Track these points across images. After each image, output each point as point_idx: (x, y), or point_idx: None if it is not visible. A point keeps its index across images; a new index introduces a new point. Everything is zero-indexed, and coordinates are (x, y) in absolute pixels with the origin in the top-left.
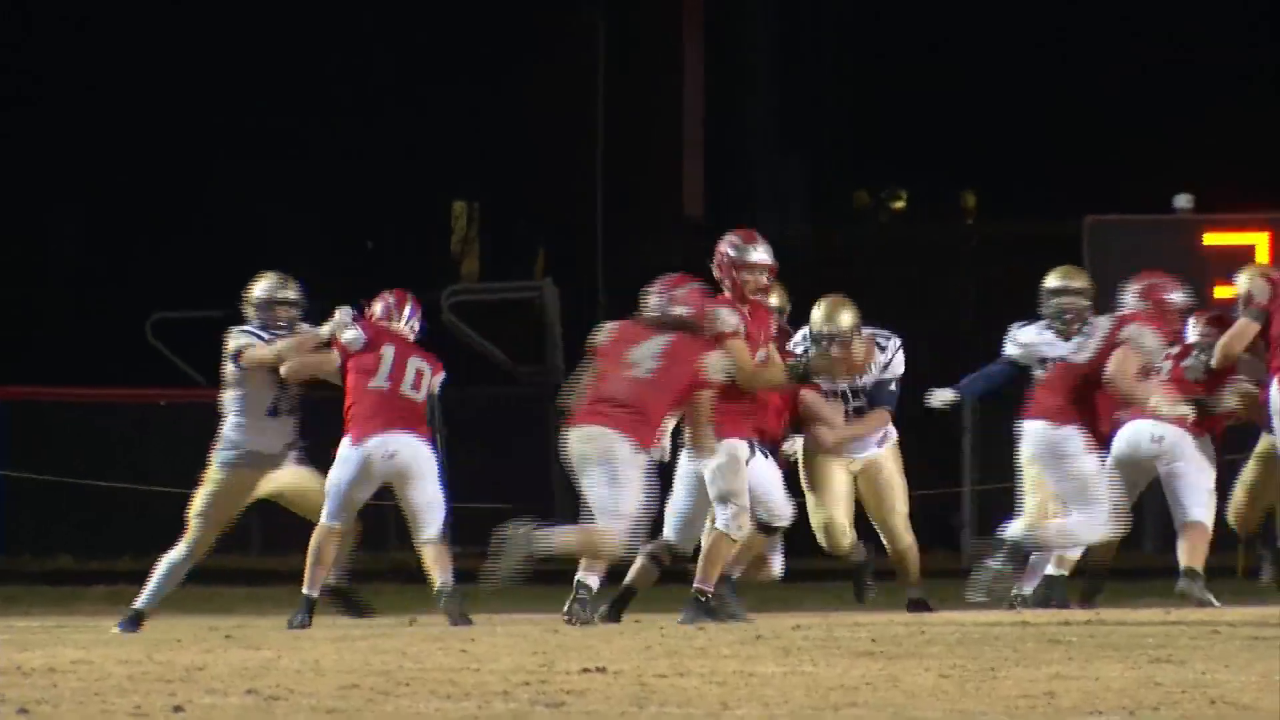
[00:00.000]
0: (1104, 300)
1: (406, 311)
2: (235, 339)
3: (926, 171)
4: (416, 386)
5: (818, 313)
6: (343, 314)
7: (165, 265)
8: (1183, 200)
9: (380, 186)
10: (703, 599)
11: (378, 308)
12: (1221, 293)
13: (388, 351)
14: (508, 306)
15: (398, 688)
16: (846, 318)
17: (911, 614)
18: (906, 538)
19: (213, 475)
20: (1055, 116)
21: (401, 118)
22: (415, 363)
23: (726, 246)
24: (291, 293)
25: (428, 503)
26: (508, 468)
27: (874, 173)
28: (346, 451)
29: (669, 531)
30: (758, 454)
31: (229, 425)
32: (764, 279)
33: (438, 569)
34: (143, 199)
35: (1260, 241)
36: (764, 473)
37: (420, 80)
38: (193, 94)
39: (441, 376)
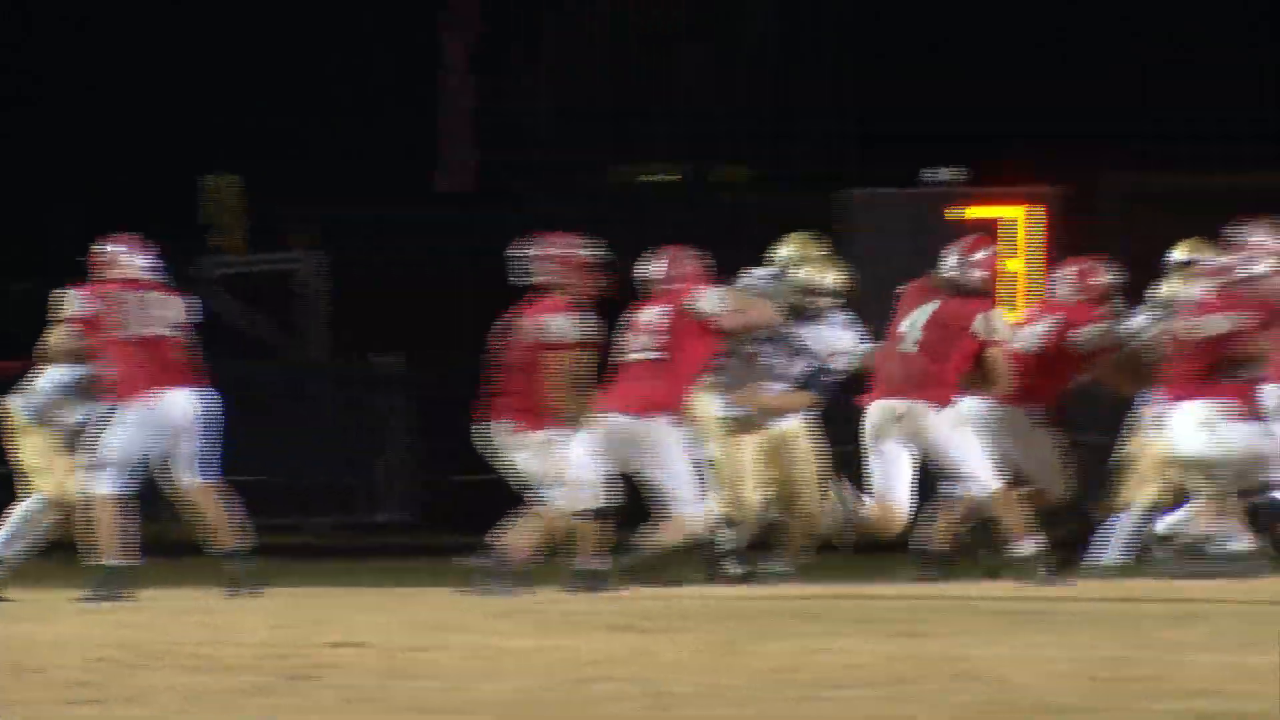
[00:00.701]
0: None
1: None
2: None
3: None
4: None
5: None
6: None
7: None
8: (938, 173)
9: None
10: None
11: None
12: None
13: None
14: (267, 279)
15: (147, 660)
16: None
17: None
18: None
19: None
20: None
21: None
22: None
23: None
24: None
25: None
26: (270, 439)
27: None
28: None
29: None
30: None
31: None
32: None
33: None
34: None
35: (1019, 215)
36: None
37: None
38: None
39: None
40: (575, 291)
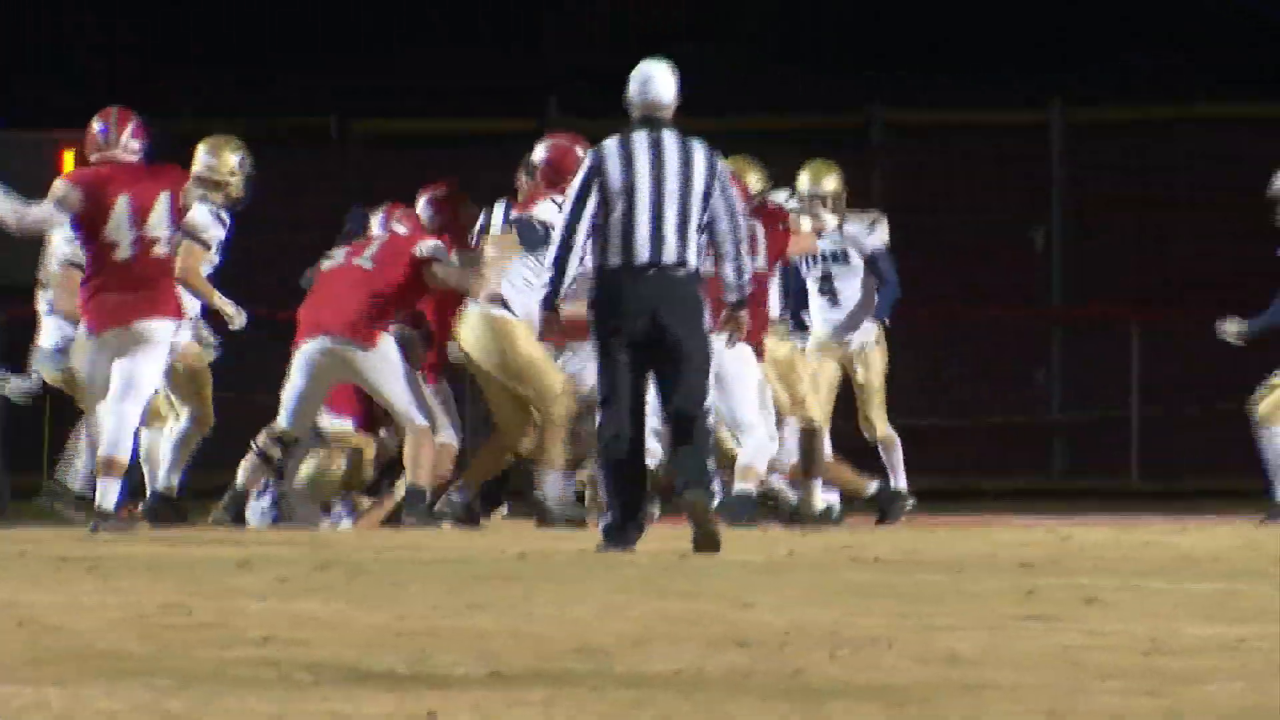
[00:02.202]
0: None
1: None
2: None
3: None
4: None
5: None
6: None
7: None
8: None
9: None
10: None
11: None
12: None
13: None
14: None
15: None
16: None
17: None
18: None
19: None
20: None
21: None
22: None
23: None
24: None
25: None
26: None
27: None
28: None
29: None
30: None
31: None
32: None
33: None
34: None
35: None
36: None
37: None
38: None
39: None
40: None
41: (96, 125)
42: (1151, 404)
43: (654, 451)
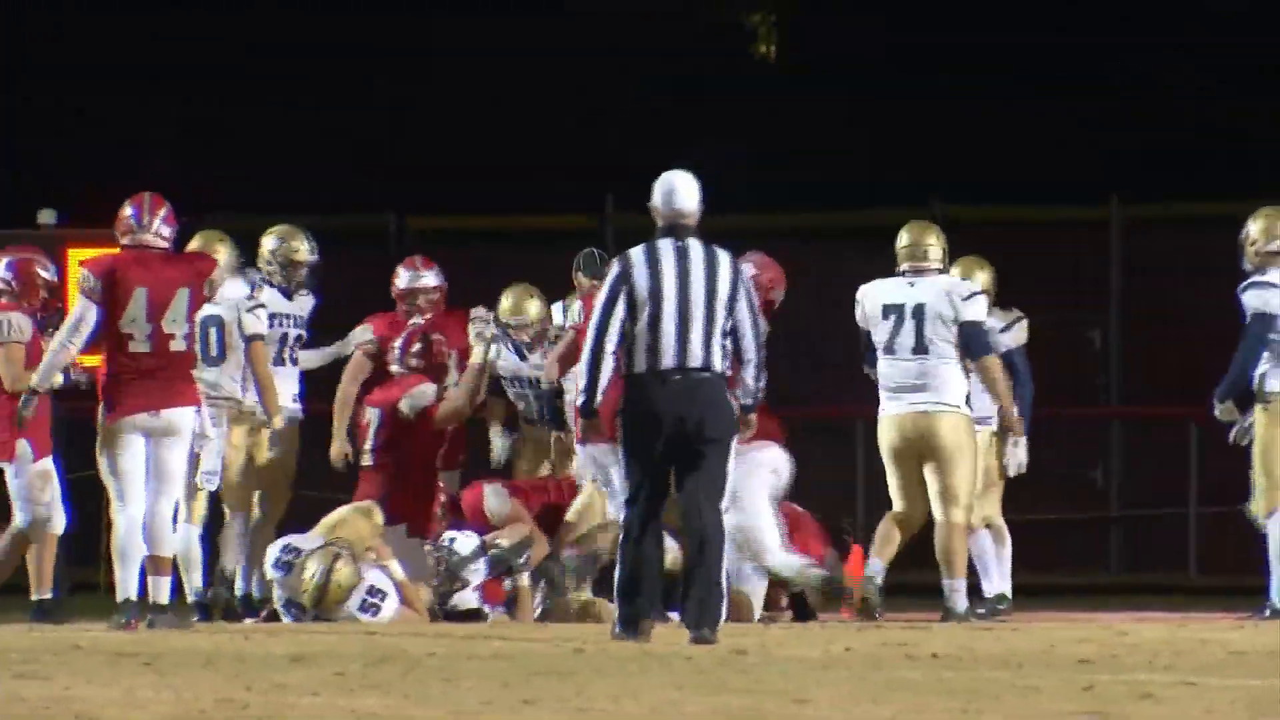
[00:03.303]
0: None
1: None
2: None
3: None
4: None
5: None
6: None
7: None
8: (46, 216)
9: None
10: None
11: None
12: None
13: None
14: None
15: None
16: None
17: None
18: None
19: None
20: None
21: None
22: None
23: None
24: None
25: None
26: None
27: None
28: None
29: None
30: None
31: None
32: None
33: None
34: None
35: None
36: None
37: None
38: None
39: None
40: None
41: (128, 210)
42: (1209, 500)
43: (672, 548)
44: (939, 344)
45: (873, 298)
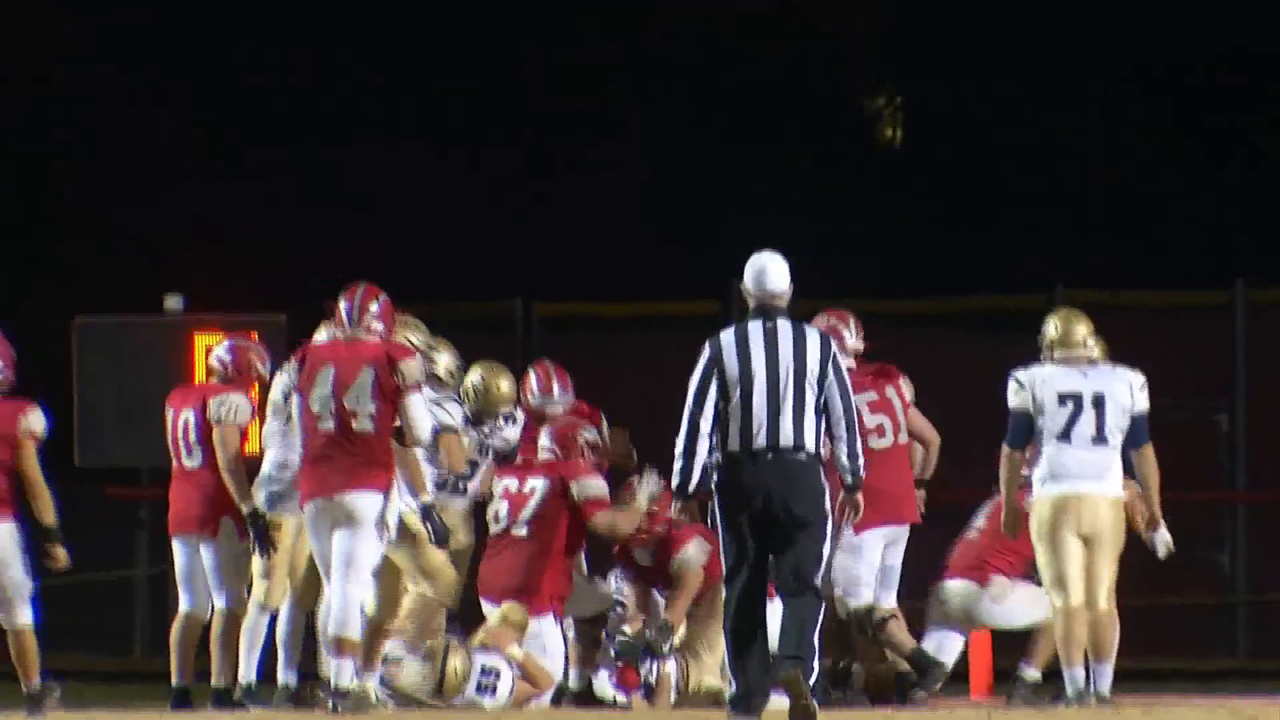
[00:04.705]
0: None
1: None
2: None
3: None
4: None
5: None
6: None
7: None
8: (173, 301)
9: None
10: None
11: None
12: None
13: None
14: None
15: None
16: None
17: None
18: None
19: None
20: None
21: None
22: None
23: None
24: None
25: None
26: None
27: None
28: None
29: None
30: None
31: None
32: None
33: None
34: None
35: None
36: None
37: None
38: None
39: None
40: None
41: (342, 304)
42: None
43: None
44: (1117, 434)
45: (1047, 384)
